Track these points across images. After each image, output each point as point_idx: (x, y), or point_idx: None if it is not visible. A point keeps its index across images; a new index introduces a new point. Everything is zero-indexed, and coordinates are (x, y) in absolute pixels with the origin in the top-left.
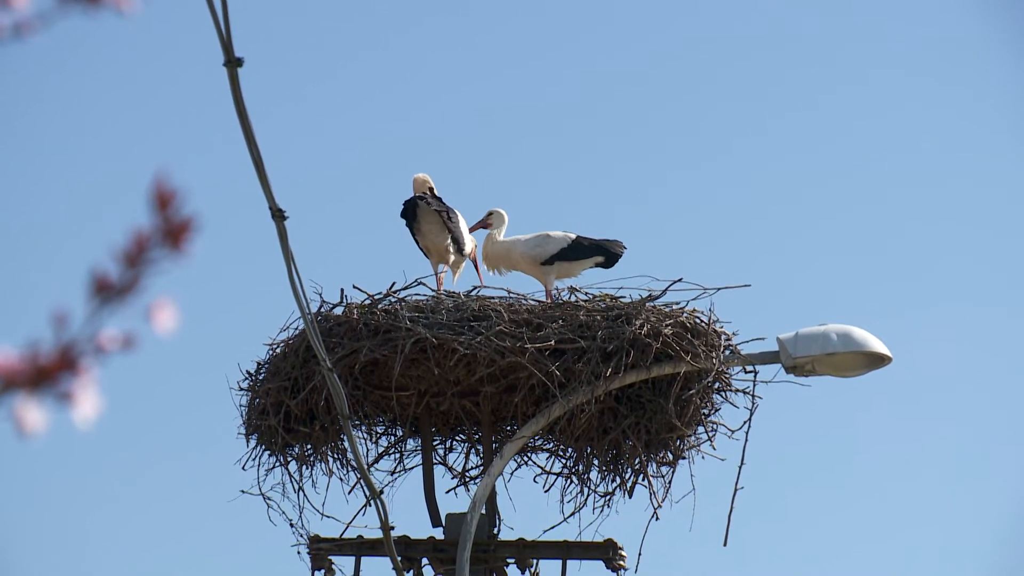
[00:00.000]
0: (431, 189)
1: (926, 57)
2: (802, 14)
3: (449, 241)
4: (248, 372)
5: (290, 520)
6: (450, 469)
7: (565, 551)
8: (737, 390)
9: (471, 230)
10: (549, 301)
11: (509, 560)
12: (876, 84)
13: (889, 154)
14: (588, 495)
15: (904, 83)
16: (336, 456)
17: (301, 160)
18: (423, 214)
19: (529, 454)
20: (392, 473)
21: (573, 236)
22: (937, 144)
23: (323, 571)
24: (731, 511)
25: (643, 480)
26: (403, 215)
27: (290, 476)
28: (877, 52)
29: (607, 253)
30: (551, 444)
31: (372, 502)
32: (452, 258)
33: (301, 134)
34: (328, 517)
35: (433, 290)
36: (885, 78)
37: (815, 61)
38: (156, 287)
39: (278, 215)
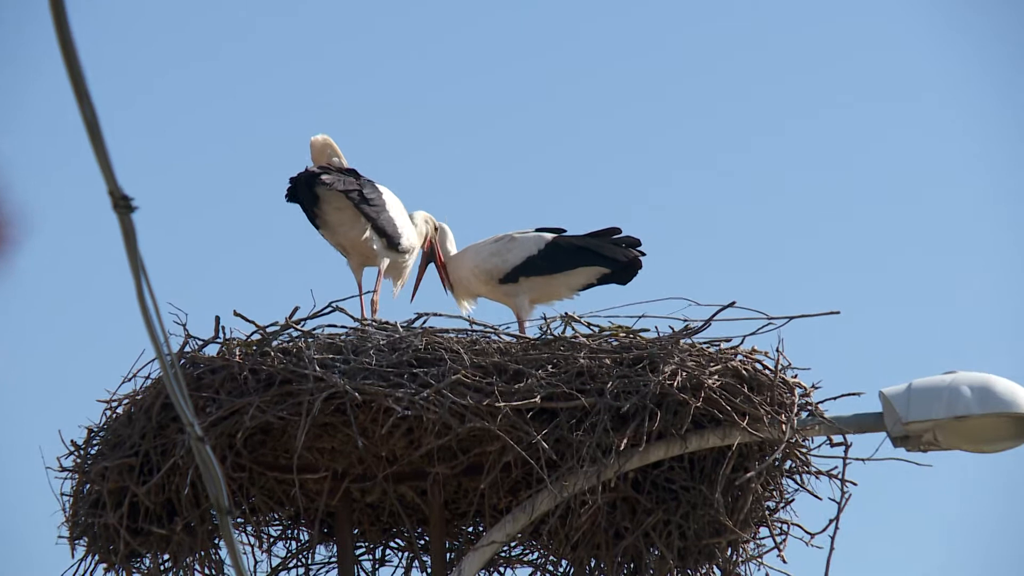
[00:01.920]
0: (336, 159)
1: None
2: None
3: (369, 233)
4: (74, 443)
5: None
6: None
7: None
8: (819, 472)
9: (418, 281)
10: (525, 335)
11: None
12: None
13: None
14: None
15: None
16: (209, 570)
17: (166, 142)
18: (325, 196)
19: (502, 568)
20: None
21: (549, 237)
22: None
23: None
24: None
25: None
26: (292, 197)
27: None
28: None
29: (607, 260)
30: (536, 554)
31: None
32: (386, 261)
33: (171, 112)
34: None
35: (355, 319)
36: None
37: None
38: None
39: (122, 204)
